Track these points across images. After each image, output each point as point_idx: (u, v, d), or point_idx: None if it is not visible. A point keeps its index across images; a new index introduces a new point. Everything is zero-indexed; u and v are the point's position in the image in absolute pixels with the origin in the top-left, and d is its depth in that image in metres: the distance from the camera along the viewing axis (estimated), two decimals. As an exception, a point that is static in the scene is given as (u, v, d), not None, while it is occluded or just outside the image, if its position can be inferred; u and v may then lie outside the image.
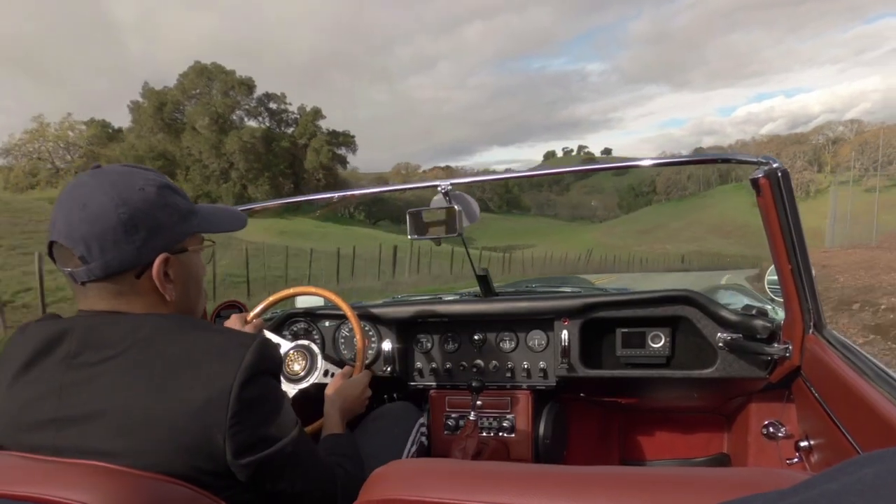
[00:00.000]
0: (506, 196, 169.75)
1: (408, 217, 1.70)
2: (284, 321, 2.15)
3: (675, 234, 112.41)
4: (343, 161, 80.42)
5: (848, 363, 1.22)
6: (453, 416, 2.06)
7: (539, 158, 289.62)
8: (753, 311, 1.69)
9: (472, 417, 1.85)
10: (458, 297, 2.23)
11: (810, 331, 1.47)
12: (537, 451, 1.98)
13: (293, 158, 75.09)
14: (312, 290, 1.93)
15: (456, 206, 1.63)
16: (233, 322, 1.57)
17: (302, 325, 2.14)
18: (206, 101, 67.66)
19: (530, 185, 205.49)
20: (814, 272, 1.42)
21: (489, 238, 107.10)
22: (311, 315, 2.14)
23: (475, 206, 1.72)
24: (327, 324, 2.12)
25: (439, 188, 1.67)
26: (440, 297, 2.24)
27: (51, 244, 0.93)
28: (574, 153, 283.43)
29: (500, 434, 2.00)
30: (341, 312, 1.86)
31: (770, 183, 1.33)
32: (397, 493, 0.68)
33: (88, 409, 0.87)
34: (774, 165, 1.33)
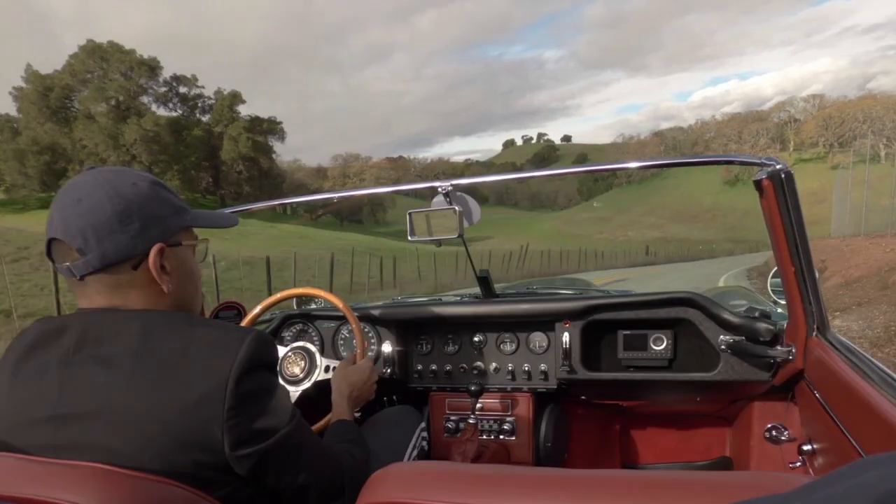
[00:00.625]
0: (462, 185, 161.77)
1: (408, 218, 1.69)
2: (283, 323, 2.09)
3: (638, 221, 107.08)
4: (267, 151, 71.28)
5: (851, 366, 1.23)
6: (453, 418, 2.04)
7: (499, 148, 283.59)
8: (756, 314, 1.71)
9: (471, 421, 1.84)
10: (458, 298, 2.19)
11: (814, 333, 1.48)
12: (538, 454, 1.98)
13: (210, 149, 66.01)
14: (311, 291, 1.88)
15: (456, 207, 1.63)
16: None
17: (300, 327, 2.09)
18: (100, 86, 58.02)
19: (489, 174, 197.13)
20: (817, 274, 1.44)
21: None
22: (310, 316, 2.09)
23: (476, 207, 1.71)
24: (326, 325, 2.08)
25: (439, 189, 1.66)
26: (440, 299, 2.22)
27: (49, 242, 0.95)
28: (534, 141, 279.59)
29: (501, 437, 1.99)
30: (340, 314, 1.82)
31: (773, 184, 1.33)
32: (396, 496, 0.68)
33: (87, 406, 0.89)
34: (778, 167, 1.33)
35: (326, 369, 1.71)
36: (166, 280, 0.98)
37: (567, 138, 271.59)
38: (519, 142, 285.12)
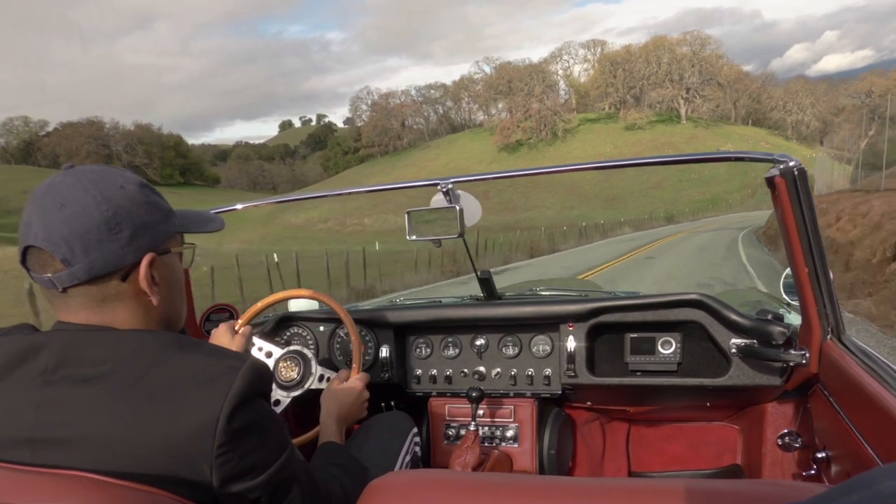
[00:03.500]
0: (177, 161, 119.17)
1: (407, 217, 1.66)
2: (277, 325, 2.07)
3: (380, 202, 72.82)
4: None
5: (868, 371, 1.19)
6: (454, 425, 2.00)
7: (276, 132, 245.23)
8: (768, 316, 1.66)
9: (472, 427, 1.79)
10: (458, 300, 2.16)
11: (828, 337, 1.43)
12: (541, 462, 1.92)
13: None
14: (306, 293, 1.84)
15: (457, 206, 1.60)
16: (221, 332, 1.51)
17: (295, 330, 2.07)
18: None
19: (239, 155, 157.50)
20: (831, 275, 1.40)
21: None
22: (305, 319, 2.06)
23: (476, 205, 1.69)
24: (322, 328, 2.05)
25: (439, 187, 1.64)
26: (440, 301, 2.18)
27: (25, 250, 0.87)
28: (313, 122, 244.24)
29: (503, 444, 1.94)
30: (337, 316, 1.80)
31: (786, 182, 1.29)
32: None
33: (67, 432, 0.83)
34: (791, 164, 1.30)
35: (321, 378, 1.68)
36: (156, 291, 0.93)
37: (350, 121, 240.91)
38: (297, 123, 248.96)
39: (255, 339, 1.69)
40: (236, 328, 1.53)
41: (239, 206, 1.90)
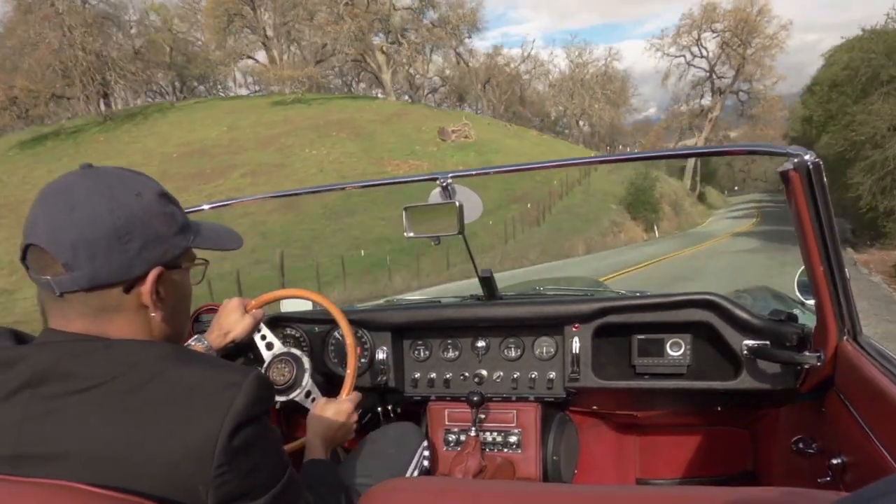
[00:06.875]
0: None
1: (404, 213, 1.63)
2: (269, 326, 2.01)
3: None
4: None
5: (886, 373, 1.16)
6: (454, 430, 1.95)
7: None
8: (782, 316, 1.63)
9: (472, 433, 1.78)
10: (458, 300, 2.12)
11: (844, 338, 1.40)
12: (545, 469, 1.88)
13: None
14: (304, 293, 1.83)
15: (457, 202, 1.57)
16: (232, 306, 1.50)
17: (288, 332, 2.03)
18: None
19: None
20: (847, 274, 1.38)
21: None
22: (299, 320, 2.03)
23: (477, 200, 1.65)
24: (317, 329, 2.01)
25: (438, 181, 1.61)
26: (439, 301, 2.14)
27: (26, 247, 0.84)
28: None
29: (505, 450, 1.90)
30: (332, 317, 1.75)
31: (800, 176, 1.26)
32: None
33: (53, 448, 0.79)
34: (806, 157, 1.26)
35: (307, 395, 1.62)
36: (160, 307, 0.89)
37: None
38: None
39: (262, 326, 1.64)
40: (248, 308, 1.50)
41: (206, 207, 1.83)
